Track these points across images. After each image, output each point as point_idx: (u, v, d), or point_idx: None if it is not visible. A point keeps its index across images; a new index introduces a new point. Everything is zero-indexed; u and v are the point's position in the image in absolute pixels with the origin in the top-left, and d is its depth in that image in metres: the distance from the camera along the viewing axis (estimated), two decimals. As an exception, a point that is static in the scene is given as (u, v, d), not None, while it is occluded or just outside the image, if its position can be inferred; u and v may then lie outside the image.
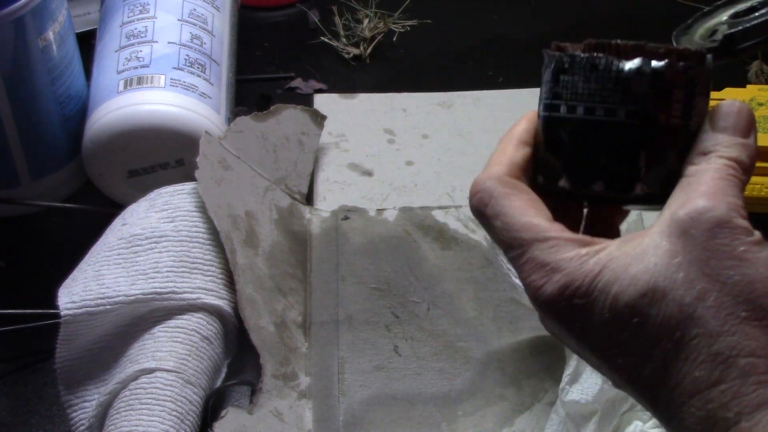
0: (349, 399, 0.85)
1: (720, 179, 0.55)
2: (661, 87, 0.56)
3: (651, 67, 0.56)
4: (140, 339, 0.83)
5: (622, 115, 0.56)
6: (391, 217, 0.96)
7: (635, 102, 0.56)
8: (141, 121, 0.91)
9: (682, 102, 0.57)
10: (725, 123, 0.58)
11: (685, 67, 0.57)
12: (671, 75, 0.56)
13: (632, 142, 0.57)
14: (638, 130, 0.56)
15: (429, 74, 1.09)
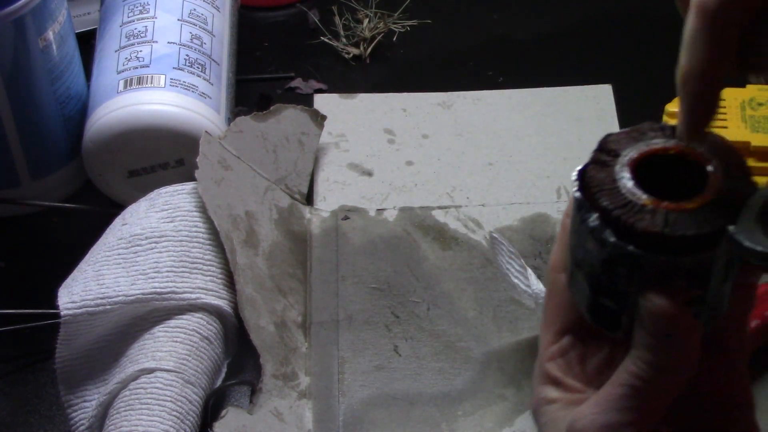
0: (349, 399, 0.85)
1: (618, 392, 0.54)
2: (605, 255, 0.54)
3: (599, 235, 0.54)
4: (140, 339, 0.83)
5: (579, 253, 0.56)
6: (391, 217, 0.96)
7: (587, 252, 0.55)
8: (141, 121, 0.91)
9: (625, 277, 0.54)
10: (643, 325, 0.54)
11: (632, 253, 0.53)
12: (614, 250, 0.53)
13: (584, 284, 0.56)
14: (587, 274, 0.56)
15: (429, 74, 1.09)
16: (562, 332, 0.59)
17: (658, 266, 0.53)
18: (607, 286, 0.55)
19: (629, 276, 0.54)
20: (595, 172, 0.55)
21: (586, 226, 0.54)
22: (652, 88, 1.05)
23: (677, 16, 1.17)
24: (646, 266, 0.53)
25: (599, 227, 0.54)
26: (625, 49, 1.10)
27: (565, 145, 1.01)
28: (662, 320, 0.53)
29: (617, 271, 0.54)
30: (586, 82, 1.06)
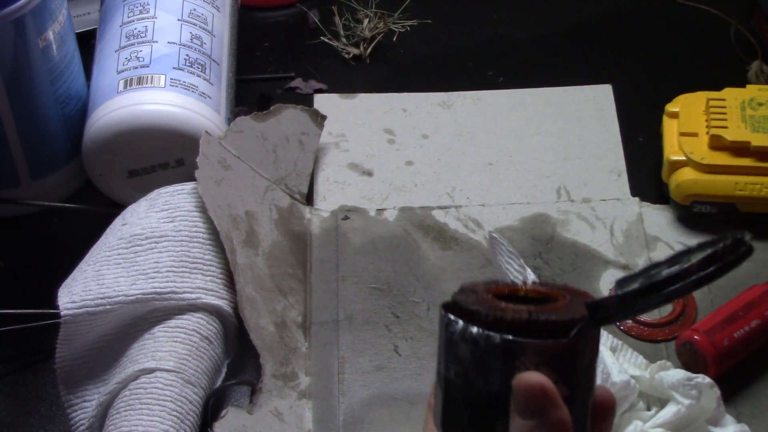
0: (349, 399, 0.85)
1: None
2: (479, 355, 0.57)
3: (472, 335, 0.57)
4: (140, 339, 0.83)
5: (452, 373, 0.58)
6: (391, 217, 0.96)
7: (459, 363, 0.57)
8: (141, 121, 0.91)
9: (500, 371, 0.57)
10: (518, 407, 0.56)
11: (503, 340, 0.56)
12: (486, 345, 0.56)
13: (458, 399, 0.58)
14: (461, 389, 0.58)
15: (429, 74, 1.09)
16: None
17: (526, 350, 0.56)
18: (483, 392, 0.57)
19: (503, 368, 0.56)
20: (462, 296, 0.59)
21: (458, 336, 0.57)
22: (652, 88, 1.06)
23: (677, 16, 1.18)
24: (516, 351, 0.56)
25: (468, 329, 0.57)
26: (625, 49, 1.10)
27: (565, 145, 1.01)
28: (537, 392, 0.56)
29: (491, 366, 0.56)
30: (586, 82, 1.06)
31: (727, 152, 0.93)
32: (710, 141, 0.94)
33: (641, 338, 0.88)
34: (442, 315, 0.59)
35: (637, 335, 0.88)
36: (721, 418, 0.80)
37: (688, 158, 0.94)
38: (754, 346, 0.85)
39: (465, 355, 0.57)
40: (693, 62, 1.09)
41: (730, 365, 0.84)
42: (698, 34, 1.12)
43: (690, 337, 0.84)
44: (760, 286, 0.87)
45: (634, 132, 1.03)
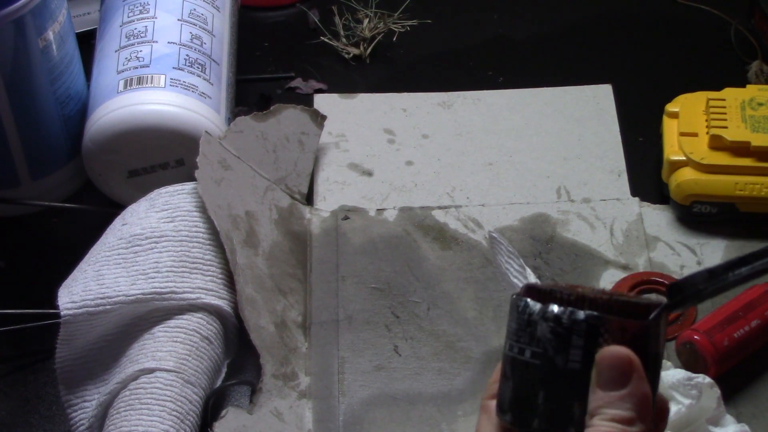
0: (349, 399, 0.85)
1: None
2: (561, 333, 0.58)
3: (553, 313, 0.58)
4: (140, 339, 0.83)
5: (528, 354, 0.59)
6: (391, 217, 0.96)
7: (538, 344, 0.58)
8: (141, 121, 0.91)
9: (581, 348, 0.58)
10: (602, 379, 0.58)
11: (588, 317, 0.58)
12: (569, 322, 0.58)
13: (533, 380, 0.59)
14: (538, 369, 0.58)
15: (429, 74, 1.09)
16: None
17: (610, 327, 0.58)
18: (563, 371, 0.58)
19: (585, 344, 0.58)
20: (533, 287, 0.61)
21: (537, 315, 0.59)
22: (652, 88, 1.06)
23: (677, 16, 1.18)
24: (599, 327, 0.57)
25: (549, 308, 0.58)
26: (625, 49, 1.10)
27: (565, 145, 1.01)
28: (625, 362, 0.57)
29: (573, 343, 0.58)
30: (586, 82, 1.06)
31: (727, 152, 0.93)
32: (710, 141, 0.94)
33: None
34: (515, 299, 0.60)
35: None
36: (721, 417, 0.80)
37: (688, 158, 0.94)
38: (754, 346, 0.85)
39: (544, 333, 0.58)
40: (693, 62, 1.09)
41: (730, 365, 0.84)
42: (698, 34, 1.12)
43: (690, 337, 0.84)
44: (760, 286, 0.87)
45: (634, 132, 1.03)
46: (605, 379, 0.57)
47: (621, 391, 0.57)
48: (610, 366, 0.57)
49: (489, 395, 0.63)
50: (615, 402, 0.57)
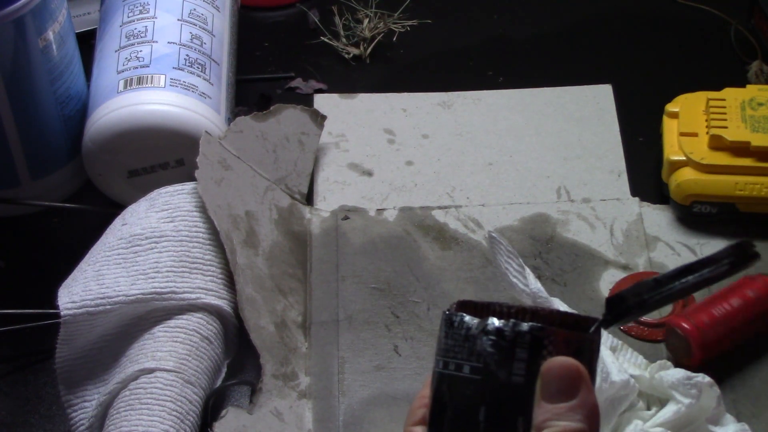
0: (349, 399, 0.85)
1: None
2: (502, 345, 0.57)
3: (495, 326, 0.57)
4: (140, 339, 0.83)
5: (466, 370, 0.57)
6: (391, 217, 0.96)
7: (478, 358, 0.57)
8: (141, 121, 0.91)
9: (525, 361, 0.56)
10: (549, 391, 0.56)
11: (531, 328, 0.56)
12: (512, 334, 0.56)
13: (473, 397, 0.57)
14: (478, 385, 0.57)
15: (429, 74, 1.09)
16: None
17: (555, 339, 0.56)
18: (505, 385, 0.57)
19: (529, 357, 0.56)
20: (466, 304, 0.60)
21: (476, 329, 0.57)
22: (652, 88, 1.06)
23: (677, 16, 1.18)
24: (543, 339, 0.56)
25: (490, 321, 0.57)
26: (625, 49, 1.10)
27: (565, 145, 1.01)
28: (573, 372, 0.56)
29: (517, 356, 0.56)
30: (586, 82, 1.06)
31: (727, 152, 0.93)
32: (710, 141, 0.94)
33: (641, 338, 0.88)
34: (448, 315, 0.59)
35: (637, 335, 0.88)
36: (721, 417, 0.80)
37: (688, 158, 0.94)
38: (740, 330, 0.85)
39: (484, 348, 0.57)
40: (693, 62, 1.09)
41: (714, 347, 0.84)
42: (698, 34, 1.12)
43: (672, 323, 0.85)
44: (746, 277, 0.87)
45: (634, 132, 1.03)
46: (553, 390, 0.56)
47: (570, 402, 0.55)
48: (559, 377, 0.56)
49: (414, 422, 0.60)
50: (564, 413, 0.55)
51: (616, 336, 0.85)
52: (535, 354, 0.56)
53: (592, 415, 0.56)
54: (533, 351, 0.56)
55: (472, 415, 0.57)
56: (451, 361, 0.58)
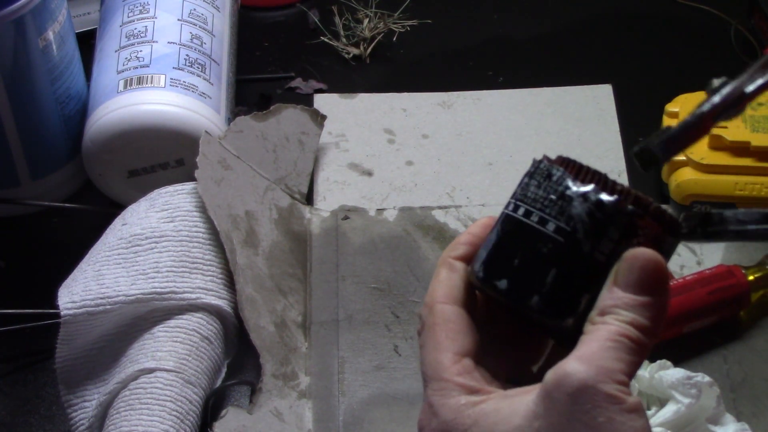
0: (349, 399, 0.85)
1: (606, 343, 0.53)
2: (599, 219, 0.55)
3: (598, 197, 0.55)
4: (140, 339, 0.83)
5: (551, 227, 0.55)
6: (391, 217, 0.96)
7: (567, 221, 0.55)
8: (141, 121, 0.91)
9: (614, 242, 0.55)
10: (627, 279, 0.54)
11: (633, 212, 0.55)
12: (613, 212, 0.55)
13: (549, 256, 0.55)
14: (559, 247, 0.55)
15: (429, 74, 1.09)
16: (462, 355, 0.57)
17: (648, 233, 0.55)
18: (586, 258, 0.55)
19: (619, 239, 0.54)
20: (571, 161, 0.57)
21: (576, 193, 0.55)
22: (652, 88, 1.06)
23: (677, 16, 1.18)
24: (638, 229, 0.54)
25: (596, 190, 0.55)
26: (625, 49, 1.10)
27: (565, 145, 1.01)
28: (659, 270, 0.54)
29: (608, 234, 0.54)
30: (586, 82, 1.06)
31: (727, 152, 0.93)
32: (710, 141, 0.94)
33: None
34: (547, 167, 0.57)
35: None
36: (721, 416, 0.80)
37: (688, 158, 0.94)
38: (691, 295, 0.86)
39: (580, 213, 0.55)
40: (693, 62, 1.09)
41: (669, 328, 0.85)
42: (698, 34, 1.12)
43: None
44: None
45: (634, 132, 1.03)
46: (632, 279, 0.54)
47: (646, 297, 0.54)
48: (643, 268, 0.54)
49: (456, 256, 0.59)
50: (635, 306, 0.53)
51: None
52: (626, 238, 0.54)
53: (660, 318, 0.54)
54: (625, 234, 0.54)
55: (541, 273, 0.55)
56: (536, 212, 0.56)
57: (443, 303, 0.59)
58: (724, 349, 0.88)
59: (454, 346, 0.57)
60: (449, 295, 0.59)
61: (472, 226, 0.60)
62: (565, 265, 0.55)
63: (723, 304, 0.87)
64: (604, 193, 0.55)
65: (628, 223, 0.55)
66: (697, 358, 0.87)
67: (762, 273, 0.88)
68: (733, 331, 0.88)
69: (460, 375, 0.56)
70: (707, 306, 0.86)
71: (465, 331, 0.58)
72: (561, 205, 0.55)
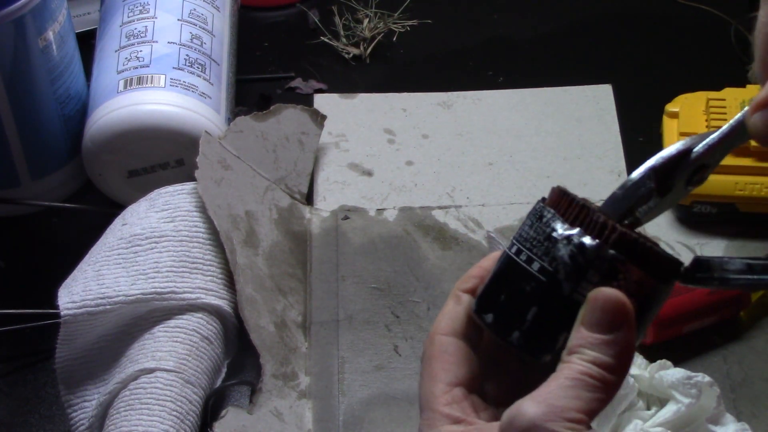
0: (349, 399, 0.85)
1: (564, 382, 0.55)
2: (580, 262, 0.56)
3: (580, 241, 0.57)
4: (140, 339, 0.83)
5: (536, 267, 0.57)
6: (391, 217, 0.96)
7: (551, 262, 0.57)
8: (141, 121, 0.91)
9: (593, 284, 0.56)
10: (590, 319, 0.56)
11: (613, 257, 0.56)
12: (594, 257, 0.56)
13: (531, 294, 0.57)
14: (541, 286, 0.57)
15: (429, 74, 1.09)
16: (453, 385, 0.59)
17: (630, 276, 0.56)
18: (565, 298, 0.56)
19: (598, 282, 0.56)
20: (564, 196, 0.59)
21: (562, 236, 0.57)
22: (652, 88, 1.06)
23: (677, 16, 1.18)
24: (619, 272, 0.56)
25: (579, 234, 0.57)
26: (625, 49, 1.10)
27: (565, 145, 1.01)
28: (620, 308, 0.55)
29: (587, 277, 0.56)
30: (586, 82, 1.06)
31: (727, 152, 0.93)
32: (710, 141, 0.93)
33: None
34: (540, 208, 0.58)
35: None
36: (721, 416, 0.80)
37: (688, 158, 0.94)
38: (691, 295, 0.86)
39: (563, 256, 0.57)
40: (693, 62, 1.09)
41: (668, 328, 0.85)
42: (698, 34, 1.12)
43: None
44: None
45: (634, 132, 1.03)
46: (594, 319, 0.55)
47: (608, 335, 0.55)
48: (602, 308, 0.55)
49: (465, 288, 0.61)
50: (599, 345, 0.55)
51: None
52: (606, 281, 0.56)
53: (625, 355, 0.56)
54: (605, 278, 0.56)
55: (523, 310, 0.57)
56: (525, 250, 0.58)
57: (443, 335, 0.61)
58: (724, 349, 0.88)
59: (447, 377, 0.59)
60: (450, 327, 0.61)
61: (483, 260, 0.62)
62: (546, 304, 0.57)
63: (723, 304, 0.87)
64: (588, 237, 0.57)
65: (609, 267, 0.56)
66: (697, 358, 0.87)
67: (762, 273, 0.88)
68: (733, 331, 0.89)
69: (447, 405, 0.58)
70: (707, 306, 0.86)
71: (460, 362, 0.60)
72: (547, 246, 0.57)
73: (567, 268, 0.56)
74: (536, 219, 0.58)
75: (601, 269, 0.56)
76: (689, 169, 0.60)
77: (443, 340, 0.61)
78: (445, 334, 0.61)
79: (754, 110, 0.57)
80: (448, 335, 0.61)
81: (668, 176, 0.60)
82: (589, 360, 0.55)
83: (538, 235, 0.58)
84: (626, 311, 0.55)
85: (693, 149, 0.59)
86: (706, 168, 0.60)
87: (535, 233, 0.58)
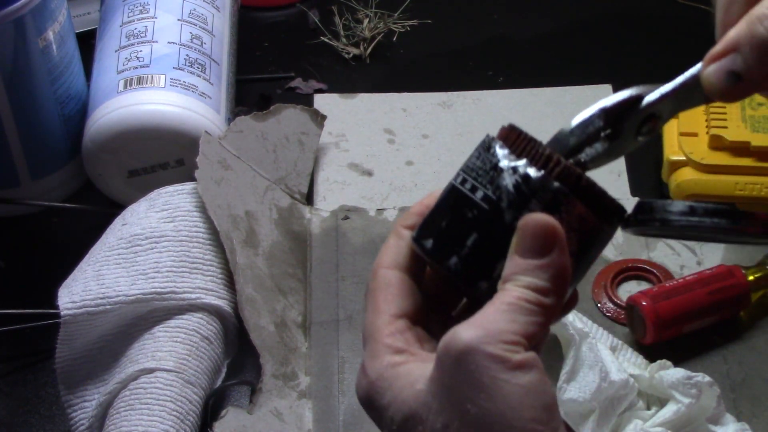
0: (349, 399, 0.85)
1: (500, 306, 0.54)
2: (523, 192, 0.56)
3: (525, 171, 0.57)
4: (140, 339, 0.83)
5: (479, 195, 0.58)
6: (391, 217, 0.96)
7: (495, 190, 0.57)
8: (141, 121, 0.91)
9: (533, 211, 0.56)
10: (522, 245, 0.55)
11: (557, 189, 0.56)
12: (538, 187, 0.56)
13: (472, 221, 0.57)
14: (483, 213, 0.57)
15: (429, 74, 1.09)
16: (397, 316, 0.59)
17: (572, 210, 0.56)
18: (505, 227, 0.56)
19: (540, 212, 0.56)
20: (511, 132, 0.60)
21: (507, 165, 0.58)
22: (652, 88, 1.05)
23: (677, 16, 1.18)
24: (561, 205, 0.56)
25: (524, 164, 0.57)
26: (625, 49, 1.10)
27: (565, 145, 1.01)
28: (548, 232, 0.55)
29: (530, 206, 0.56)
30: (586, 82, 1.06)
31: (727, 152, 0.93)
32: (710, 141, 0.94)
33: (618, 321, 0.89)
34: (489, 139, 0.60)
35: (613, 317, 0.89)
36: (721, 416, 0.80)
37: (688, 158, 0.94)
38: (691, 295, 0.86)
39: (507, 185, 0.57)
40: (693, 62, 1.09)
41: (669, 328, 0.85)
42: (698, 34, 1.12)
43: (632, 300, 0.86)
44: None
45: (634, 132, 1.02)
46: (526, 246, 0.55)
47: (539, 260, 0.55)
48: (533, 234, 0.55)
49: (407, 225, 0.62)
50: (532, 270, 0.55)
51: (615, 336, 0.86)
52: (548, 213, 0.56)
53: (560, 277, 0.55)
54: (547, 209, 0.56)
55: (462, 236, 0.57)
56: (469, 179, 0.59)
57: (386, 268, 0.60)
58: (724, 349, 0.88)
59: (390, 309, 0.59)
60: (393, 261, 0.61)
61: (425, 197, 0.63)
62: (486, 231, 0.57)
63: (723, 304, 0.87)
64: (533, 168, 0.57)
65: (551, 198, 0.56)
66: (697, 358, 0.87)
67: (762, 273, 0.88)
68: (733, 331, 0.89)
69: (390, 335, 0.58)
70: (707, 306, 0.86)
71: (404, 295, 0.60)
72: (492, 176, 0.58)
73: (510, 197, 0.56)
74: (484, 150, 0.59)
75: (544, 200, 0.56)
76: (640, 116, 0.59)
77: (386, 273, 0.60)
78: (387, 267, 0.60)
79: (708, 63, 0.57)
80: (391, 268, 0.60)
81: (618, 119, 0.59)
82: (523, 285, 0.55)
83: (484, 164, 0.59)
84: (556, 233, 0.55)
85: (645, 96, 0.59)
86: (657, 119, 0.60)
87: (482, 163, 0.59)
